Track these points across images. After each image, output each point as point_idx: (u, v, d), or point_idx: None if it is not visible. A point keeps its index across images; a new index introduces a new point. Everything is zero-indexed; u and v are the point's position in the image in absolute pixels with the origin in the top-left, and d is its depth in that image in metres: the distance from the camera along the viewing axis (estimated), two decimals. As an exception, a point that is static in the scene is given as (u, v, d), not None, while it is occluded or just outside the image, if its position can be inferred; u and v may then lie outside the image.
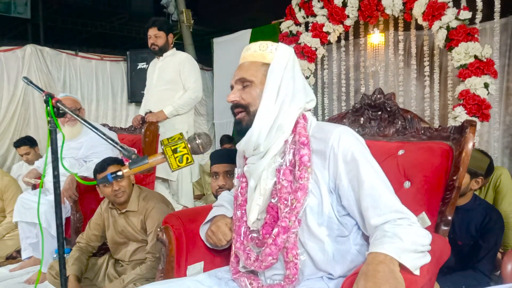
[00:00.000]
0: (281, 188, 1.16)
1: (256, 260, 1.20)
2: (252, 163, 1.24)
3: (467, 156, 1.30)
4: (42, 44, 6.03)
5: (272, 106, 1.17)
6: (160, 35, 3.41)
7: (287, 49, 1.24)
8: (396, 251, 0.96)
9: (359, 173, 1.09)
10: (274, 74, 1.18)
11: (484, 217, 2.01)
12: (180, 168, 1.17)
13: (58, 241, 1.31)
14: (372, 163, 1.13)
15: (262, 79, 1.20)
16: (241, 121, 1.22)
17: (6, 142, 4.73)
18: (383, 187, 1.09)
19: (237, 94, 1.22)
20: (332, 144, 1.13)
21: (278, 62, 1.19)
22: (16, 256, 3.13)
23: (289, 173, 1.16)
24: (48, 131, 1.25)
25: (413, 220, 1.06)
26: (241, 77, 1.22)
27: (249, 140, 1.19)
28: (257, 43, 1.25)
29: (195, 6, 7.16)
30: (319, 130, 1.20)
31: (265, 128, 1.17)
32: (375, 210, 1.06)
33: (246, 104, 1.21)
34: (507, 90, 3.73)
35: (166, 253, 1.45)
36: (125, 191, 2.15)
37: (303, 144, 1.16)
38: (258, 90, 1.19)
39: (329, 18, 4.09)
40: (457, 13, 3.23)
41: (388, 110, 1.58)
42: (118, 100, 5.71)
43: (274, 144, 1.19)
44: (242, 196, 1.29)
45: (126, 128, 3.45)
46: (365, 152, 1.15)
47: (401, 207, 1.07)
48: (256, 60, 1.22)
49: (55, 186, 1.28)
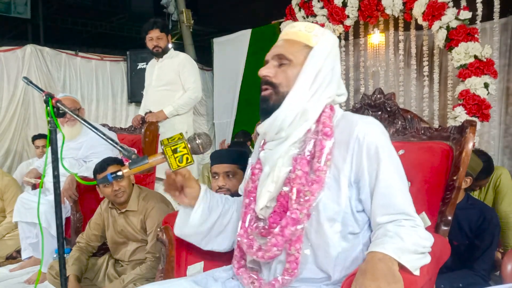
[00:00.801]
0: (295, 178, 1.11)
1: (259, 250, 1.15)
2: (269, 149, 1.19)
3: (467, 156, 1.30)
4: (42, 44, 6.03)
5: (306, 92, 1.12)
6: (162, 37, 3.41)
7: (332, 37, 1.19)
8: (395, 251, 0.96)
9: (379, 170, 1.06)
10: (315, 59, 1.13)
11: (479, 217, 2.01)
12: (180, 168, 1.16)
13: (58, 241, 1.31)
14: (394, 161, 1.09)
15: (301, 61, 1.14)
16: (268, 98, 1.17)
17: (6, 142, 4.73)
18: (398, 187, 1.07)
19: (271, 69, 1.16)
20: (357, 135, 1.08)
21: (322, 48, 1.14)
22: (16, 256, 3.12)
23: (306, 163, 1.11)
24: (48, 131, 1.25)
25: (418, 223, 1.05)
26: (280, 53, 1.16)
27: (273, 123, 1.14)
28: (303, 23, 1.20)
29: (195, 6, 7.16)
30: (344, 120, 1.15)
31: (292, 113, 1.12)
32: (383, 208, 1.06)
33: (278, 84, 1.15)
34: (507, 90, 3.73)
35: (166, 253, 1.45)
36: (125, 191, 2.15)
37: (326, 135, 1.10)
38: (295, 72, 1.14)
39: (329, 18, 4.09)
40: (457, 13, 3.23)
41: (388, 110, 1.58)
42: (118, 100, 5.71)
43: (296, 131, 1.14)
44: (253, 182, 1.24)
45: (126, 128, 3.44)
46: (389, 148, 1.11)
47: (410, 209, 1.06)
48: (299, 40, 1.16)
49: (55, 186, 1.28)
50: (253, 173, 1.25)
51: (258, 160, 1.25)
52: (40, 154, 3.96)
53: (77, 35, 8.71)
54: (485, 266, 1.99)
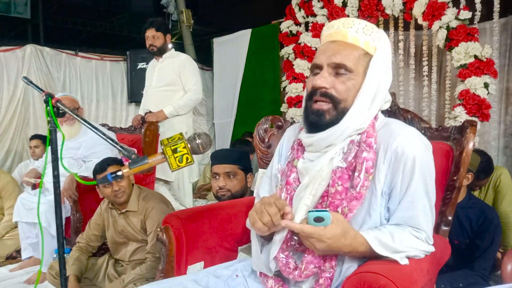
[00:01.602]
0: (335, 193, 1.05)
1: (295, 269, 1.08)
2: (310, 160, 1.11)
3: (468, 156, 1.30)
4: (42, 44, 6.02)
5: (367, 110, 1.04)
6: (158, 36, 3.41)
7: (388, 41, 1.09)
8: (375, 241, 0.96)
9: (410, 185, 1.02)
10: (376, 71, 1.03)
11: (479, 216, 2.01)
12: (180, 168, 1.16)
13: (58, 241, 1.31)
14: (427, 178, 1.04)
15: (361, 72, 1.04)
16: (324, 113, 1.05)
17: (6, 142, 4.73)
18: (422, 205, 1.03)
19: (329, 80, 1.04)
20: (396, 148, 1.02)
21: (382, 56, 1.05)
22: (16, 256, 3.12)
23: (347, 178, 1.05)
24: (48, 131, 1.25)
25: (424, 237, 1.03)
26: (341, 63, 1.03)
27: (326, 138, 1.06)
28: (359, 21, 1.07)
29: (195, 6, 7.16)
30: (385, 127, 1.07)
31: (349, 130, 1.04)
32: (398, 219, 1.04)
33: (341, 99, 1.04)
34: (507, 90, 3.73)
35: (166, 253, 1.45)
36: (125, 191, 2.15)
37: (369, 146, 1.03)
38: (356, 85, 1.04)
39: (329, 18, 4.09)
40: (457, 13, 3.23)
41: (388, 110, 1.57)
42: (118, 100, 5.71)
43: (340, 143, 1.07)
44: (287, 193, 1.14)
45: (126, 128, 3.44)
46: (426, 164, 1.05)
47: (423, 224, 1.03)
48: (358, 45, 1.05)
49: (55, 186, 1.27)
50: (288, 182, 1.16)
51: (294, 168, 1.16)
52: (32, 154, 3.97)
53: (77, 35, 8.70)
54: (486, 265, 1.99)
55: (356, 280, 0.94)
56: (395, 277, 0.91)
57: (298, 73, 4.39)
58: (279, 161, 1.28)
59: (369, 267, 0.96)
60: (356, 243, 0.99)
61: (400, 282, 0.90)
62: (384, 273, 0.91)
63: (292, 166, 1.17)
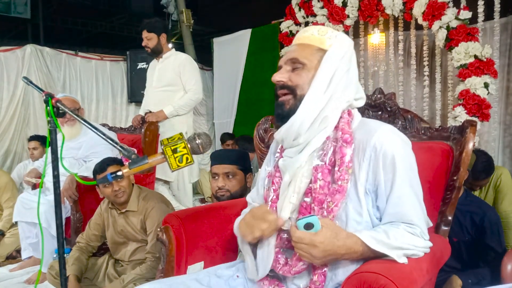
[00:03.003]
0: (318, 188, 1.09)
1: (285, 264, 1.12)
2: (289, 157, 1.16)
3: (468, 156, 1.30)
4: (42, 44, 6.02)
5: (321, 96, 1.10)
6: (151, 37, 3.40)
7: (347, 39, 1.17)
8: (370, 239, 0.97)
9: (394, 180, 1.05)
10: (329, 63, 1.11)
11: (482, 216, 2.00)
12: (180, 168, 1.16)
13: (58, 241, 1.31)
14: (409, 172, 1.08)
15: (315, 65, 1.12)
16: (284, 103, 1.14)
17: (6, 142, 4.73)
18: (408, 198, 1.05)
19: (285, 74, 1.15)
20: (375, 144, 1.06)
21: (336, 51, 1.12)
22: (16, 256, 3.12)
23: (328, 172, 1.09)
24: (48, 131, 1.25)
25: (419, 232, 1.04)
26: (293, 58, 1.14)
27: (290, 127, 1.11)
28: (316, 27, 1.18)
29: (195, 6, 7.16)
30: (362, 126, 1.13)
31: (309, 117, 1.10)
32: (390, 216, 1.05)
33: (294, 86, 1.13)
34: (507, 90, 3.73)
35: (166, 253, 1.45)
36: (125, 191, 2.15)
37: (346, 142, 1.08)
38: (310, 75, 1.12)
39: (329, 18, 4.09)
40: (457, 13, 3.23)
41: (388, 110, 1.57)
42: (118, 100, 5.71)
43: (315, 138, 1.12)
44: (274, 192, 1.19)
45: (126, 128, 3.45)
46: (407, 157, 1.08)
47: (416, 219, 1.05)
48: (312, 43, 1.15)
49: (55, 186, 1.28)
50: (273, 182, 1.21)
51: (277, 168, 1.21)
52: (31, 156, 3.96)
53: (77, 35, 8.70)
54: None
55: (356, 280, 0.94)
56: (395, 277, 0.91)
57: (298, 73, 4.38)
58: (269, 164, 1.32)
59: (368, 267, 0.96)
60: (350, 242, 0.99)
61: (399, 281, 0.90)
62: (383, 272, 0.92)
63: (276, 166, 1.22)
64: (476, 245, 2.01)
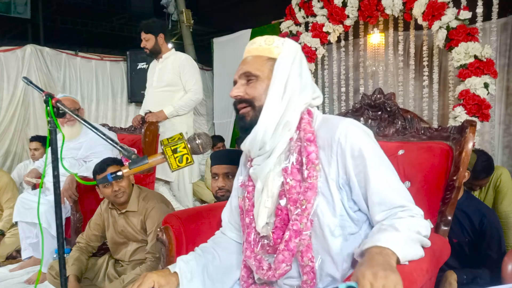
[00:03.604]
0: (290, 188, 1.11)
1: (269, 269, 1.13)
2: (257, 164, 1.18)
3: (467, 156, 1.30)
4: (42, 44, 6.03)
5: (279, 103, 1.13)
6: (148, 38, 3.40)
7: (294, 44, 1.20)
8: (388, 241, 0.95)
9: (366, 169, 1.06)
10: (281, 70, 1.14)
11: (482, 218, 2.00)
12: (180, 168, 1.17)
13: (58, 241, 1.31)
14: (380, 157, 1.10)
15: (268, 74, 1.15)
16: (245, 116, 1.17)
17: (6, 142, 4.73)
18: (387, 183, 1.06)
19: (241, 89, 1.18)
20: (339, 139, 1.08)
21: (285, 57, 1.15)
22: (16, 256, 3.13)
23: (297, 172, 1.11)
24: (48, 131, 1.25)
25: (415, 212, 1.04)
26: (246, 71, 1.17)
27: (254, 138, 1.13)
28: (262, 37, 1.21)
29: (195, 6, 7.16)
30: (324, 124, 1.15)
31: (271, 125, 1.12)
32: (380, 206, 1.05)
33: (251, 99, 1.16)
34: (507, 90, 3.73)
35: (166, 253, 1.45)
36: (125, 191, 2.15)
37: (309, 141, 1.11)
38: (264, 85, 1.15)
39: (329, 18, 4.09)
40: (457, 13, 3.23)
41: (388, 110, 1.58)
42: (118, 100, 5.71)
43: (280, 142, 1.14)
44: (249, 200, 1.22)
45: (126, 128, 3.45)
46: (373, 145, 1.11)
47: (404, 201, 1.05)
48: (261, 54, 1.18)
49: (55, 186, 1.28)
50: (248, 191, 1.23)
51: (250, 177, 1.24)
52: (32, 157, 3.97)
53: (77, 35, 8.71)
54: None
55: (356, 280, 0.94)
56: (395, 277, 0.90)
57: (298, 73, 4.39)
58: (241, 173, 1.34)
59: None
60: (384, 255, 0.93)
61: (399, 282, 0.90)
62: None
63: (249, 176, 1.25)
64: (475, 247, 2.01)
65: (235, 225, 1.35)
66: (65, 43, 7.43)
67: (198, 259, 1.26)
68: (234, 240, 1.35)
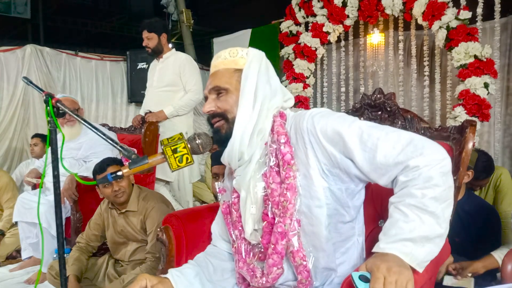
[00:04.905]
0: (272, 192, 1.12)
1: (262, 276, 1.14)
2: (239, 175, 1.20)
3: (467, 156, 1.30)
4: (42, 44, 6.03)
5: (251, 112, 1.14)
6: (151, 37, 3.40)
7: (258, 53, 1.21)
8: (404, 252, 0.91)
9: (345, 142, 1.03)
10: (248, 79, 1.16)
11: (485, 218, 2.01)
12: (180, 168, 1.17)
13: (58, 241, 1.31)
14: (352, 124, 1.06)
15: (236, 86, 1.17)
16: (219, 129, 1.19)
17: (6, 142, 4.73)
18: (372, 143, 1.01)
19: (212, 103, 1.19)
20: (307, 128, 1.09)
21: (251, 67, 1.17)
22: (16, 256, 3.13)
23: (276, 174, 1.13)
24: (48, 131, 1.25)
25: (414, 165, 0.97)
26: (215, 86, 1.19)
27: (231, 150, 1.15)
28: (226, 50, 1.23)
29: (195, 6, 7.16)
30: (294, 120, 1.16)
31: (246, 134, 1.14)
32: (376, 171, 1.03)
33: (223, 112, 1.18)
34: (507, 90, 3.73)
35: (166, 253, 1.45)
36: (125, 191, 2.15)
37: (283, 143, 1.12)
38: (235, 97, 1.16)
39: (329, 18, 4.09)
40: (457, 13, 3.23)
41: (388, 110, 1.58)
42: (118, 100, 5.71)
43: (257, 150, 1.17)
44: (236, 212, 1.23)
45: (126, 128, 3.45)
46: (341, 118, 1.08)
47: (398, 157, 0.99)
48: (228, 67, 1.20)
49: (55, 186, 1.28)
50: (234, 202, 1.24)
51: (234, 189, 1.25)
52: (31, 152, 3.97)
53: (77, 35, 8.71)
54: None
55: (356, 280, 0.94)
56: (395, 277, 0.90)
57: (298, 73, 4.39)
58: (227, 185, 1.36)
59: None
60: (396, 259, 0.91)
61: (399, 282, 0.90)
62: (383, 273, 0.91)
63: (231, 187, 1.26)
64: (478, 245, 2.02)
65: (225, 237, 1.37)
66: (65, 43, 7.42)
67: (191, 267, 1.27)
68: (225, 251, 1.37)
